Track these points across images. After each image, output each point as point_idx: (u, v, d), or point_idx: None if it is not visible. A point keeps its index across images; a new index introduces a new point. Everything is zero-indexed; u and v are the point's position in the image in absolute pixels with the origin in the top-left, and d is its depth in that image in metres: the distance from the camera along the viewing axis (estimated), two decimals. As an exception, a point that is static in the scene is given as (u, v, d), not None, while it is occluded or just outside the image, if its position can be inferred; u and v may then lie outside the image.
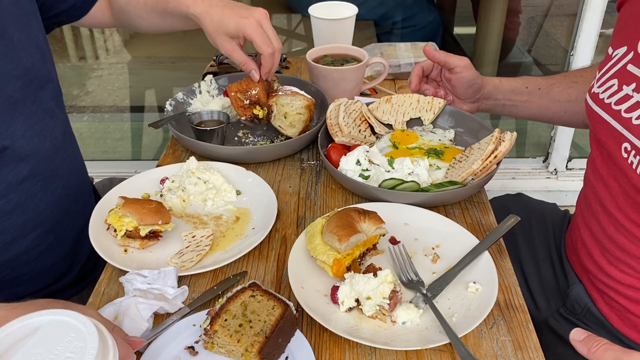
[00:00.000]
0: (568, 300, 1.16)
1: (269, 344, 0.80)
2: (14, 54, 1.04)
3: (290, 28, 3.38)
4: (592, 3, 2.22)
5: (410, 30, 2.93)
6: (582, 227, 1.13)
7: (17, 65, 1.05)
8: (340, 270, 0.93)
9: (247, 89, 1.29)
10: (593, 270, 1.10)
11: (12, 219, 1.07)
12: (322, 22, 1.61)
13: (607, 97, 0.99)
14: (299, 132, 1.31)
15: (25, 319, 0.62)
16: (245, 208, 1.14)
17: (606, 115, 0.99)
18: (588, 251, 1.11)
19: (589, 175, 1.11)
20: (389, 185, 1.13)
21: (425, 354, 0.85)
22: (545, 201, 1.46)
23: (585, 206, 1.13)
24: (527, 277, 1.28)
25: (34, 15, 1.13)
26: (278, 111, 1.30)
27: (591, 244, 1.10)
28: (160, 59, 3.39)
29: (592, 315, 1.12)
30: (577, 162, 2.65)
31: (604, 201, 1.04)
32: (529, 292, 1.27)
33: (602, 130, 1.00)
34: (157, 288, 0.91)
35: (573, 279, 1.18)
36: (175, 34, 2.90)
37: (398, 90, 1.64)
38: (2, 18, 1.04)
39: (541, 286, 1.25)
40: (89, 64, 3.41)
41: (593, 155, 1.09)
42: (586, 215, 1.12)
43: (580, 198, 1.19)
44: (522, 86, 1.25)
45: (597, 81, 1.04)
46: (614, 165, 1.00)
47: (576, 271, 1.18)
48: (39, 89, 1.10)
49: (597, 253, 1.08)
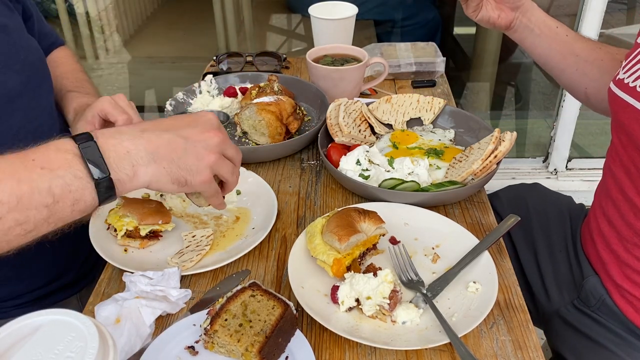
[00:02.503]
0: (583, 292, 1.17)
1: (269, 344, 0.80)
2: (14, 50, 1.06)
3: (290, 28, 3.39)
4: (592, 3, 2.22)
5: (410, 30, 2.94)
6: (600, 217, 1.14)
7: (17, 61, 1.06)
8: (340, 270, 0.93)
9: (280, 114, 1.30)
10: (609, 260, 1.11)
11: None
12: (322, 22, 1.61)
13: (632, 81, 1.01)
14: (271, 136, 1.29)
15: (25, 319, 0.62)
16: (246, 208, 1.14)
17: (631, 99, 1.00)
18: (605, 240, 1.12)
19: (610, 165, 1.12)
20: (389, 185, 1.13)
21: (425, 354, 0.85)
22: (561, 193, 1.46)
23: (604, 196, 1.14)
24: (541, 267, 1.29)
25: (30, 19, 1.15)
26: (247, 127, 1.31)
27: (609, 233, 1.11)
28: (160, 59, 3.39)
29: (607, 308, 1.12)
30: (577, 162, 2.65)
31: (624, 188, 1.05)
32: (542, 282, 1.27)
33: (625, 114, 1.01)
34: (161, 289, 0.91)
35: (588, 271, 1.18)
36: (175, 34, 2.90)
37: (398, 90, 1.64)
38: (2, 17, 1.05)
39: (555, 277, 1.26)
40: (89, 63, 3.40)
41: (614, 144, 1.10)
42: (604, 205, 1.13)
43: (598, 189, 1.20)
44: (553, 23, 1.24)
45: (622, 69, 1.05)
46: (634, 151, 1.01)
47: (592, 263, 1.19)
48: (37, 87, 1.11)
49: (615, 241, 1.09)
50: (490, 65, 2.98)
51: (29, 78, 1.09)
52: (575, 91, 1.28)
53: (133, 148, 0.75)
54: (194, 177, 0.80)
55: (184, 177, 0.79)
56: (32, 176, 0.68)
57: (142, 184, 0.77)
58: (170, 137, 0.78)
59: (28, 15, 1.22)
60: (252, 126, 1.30)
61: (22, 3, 1.21)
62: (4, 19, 1.09)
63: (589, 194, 2.75)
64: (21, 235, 0.70)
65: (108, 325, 0.86)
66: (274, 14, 3.42)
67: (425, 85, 1.64)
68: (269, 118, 1.27)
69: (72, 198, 0.71)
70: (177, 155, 0.78)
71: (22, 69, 1.08)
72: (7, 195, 0.67)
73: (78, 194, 0.71)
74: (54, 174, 0.69)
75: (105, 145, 0.73)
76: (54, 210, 0.70)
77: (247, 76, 1.57)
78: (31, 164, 0.69)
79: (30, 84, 1.10)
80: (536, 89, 3.22)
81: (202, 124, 0.82)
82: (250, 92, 1.42)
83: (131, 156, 0.75)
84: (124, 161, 0.74)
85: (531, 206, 1.39)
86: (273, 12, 3.43)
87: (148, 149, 0.76)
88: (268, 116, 1.27)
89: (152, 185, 0.78)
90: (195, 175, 0.80)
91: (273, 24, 3.40)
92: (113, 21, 3.45)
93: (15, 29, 1.11)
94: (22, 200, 0.67)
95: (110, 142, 0.74)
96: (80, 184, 0.71)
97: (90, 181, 0.71)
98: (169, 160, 0.77)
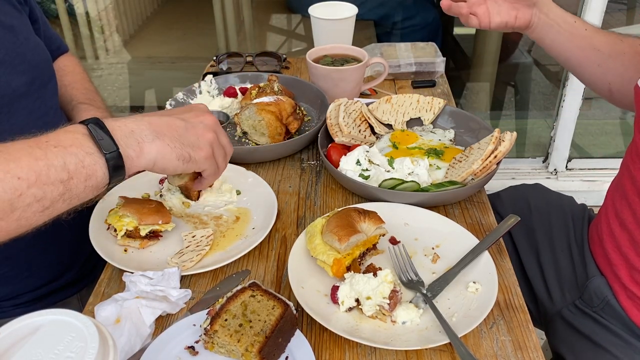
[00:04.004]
0: (586, 292, 1.16)
1: (269, 344, 0.80)
2: (21, 50, 1.07)
3: (290, 28, 3.38)
4: (592, 3, 2.22)
5: (410, 30, 2.93)
6: (612, 217, 1.12)
7: (22, 61, 1.06)
8: (340, 270, 0.93)
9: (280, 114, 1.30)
10: (618, 262, 1.10)
11: None
12: (322, 22, 1.61)
13: None
14: (271, 136, 1.29)
15: (25, 319, 0.62)
16: (246, 208, 1.14)
17: None
18: (616, 242, 1.10)
19: (628, 164, 1.09)
20: (389, 185, 1.13)
21: (425, 354, 0.85)
22: (563, 194, 1.45)
23: (618, 195, 1.11)
24: (543, 267, 1.28)
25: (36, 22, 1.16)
26: (247, 128, 1.31)
27: (620, 235, 1.09)
28: (160, 59, 3.38)
29: (611, 308, 1.11)
30: (577, 162, 2.65)
31: None
32: (544, 283, 1.26)
33: None
34: (161, 290, 0.91)
35: (593, 271, 1.17)
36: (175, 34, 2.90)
37: (398, 90, 1.64)
38: (10, 18, 1.06)
39: (557, 277, 1.25)
40: (89, 63, 3.40)
41: (636, 142, 1.07)
42: (618, 205, 1.11)
43: (612, 187, 1.17)
44: (571, 18, 1.19)
45: None
46: None
47: (598, 263, 1.17)
48: (42, 87, 1.12)
49: (626, 244, 1.08)
50: (490, 65, 2.98)
51: (34, 79, 1.10)
52: (599, 87, 1.24)
53: (136, 127, 0.80)
54: (197, 152, 0.85)
55: (188, 152, 0.84)
56: (47, 154, 0.72)
57: (148, 161, 0.81)
58: (170, 119, 0.84)
59: (34, 19, 1.23)
60: (252, 126, 1.30)
61: (30, 5, 1.21)
62: (11, 19, 1.09)
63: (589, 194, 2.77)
64: (39, 212, 0.73)
65: (108, 325, 0.86)
66: (274, 14, 3.42)
67: (425, 86, 1.64)
68: (269, 118, 1.27)
69: (85, 174, 0.74)
70: (179, 133, 0.83)
71: (28, 70, 1.09)
72: (25, 171, 0.70)
73: (90, 170, 0.75)
74: (67, 150, 0.73)
75: (111, 125, 0.78)
76: (69, 186, 0.73)
77: (247, 76, 1.57)
78: (45, 144, 0.73)
79: (35, 85, 1.10)
80: (536, 89, 3.22)
81: (195, 109, 0.90)
82: (250, 92, 1.42)
83: (136, 134, 0.79)
84: (129, 138, 0.78)
85: (533, 206, 1.38)
86: (273, 12, 3.43)
87: (150, 128, 0.81)
88: (268, 116, 1.27)
89: (158, 162, 0.81)
90: (198, 151, 0.85)
91: (273, 24, 3.40)
92: (113, 21, 3.45)
93: (23, 30, 1.12)
94: (40, 176, 0.71)
95: (115, 123, 0.79)
96: (92, 159, 0.75)
97: (101, 156, 0.75)
98: (171, 137, 0.82)
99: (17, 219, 0.71)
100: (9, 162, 0.70)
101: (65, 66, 1.36)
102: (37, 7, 1.26)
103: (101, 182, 0.77)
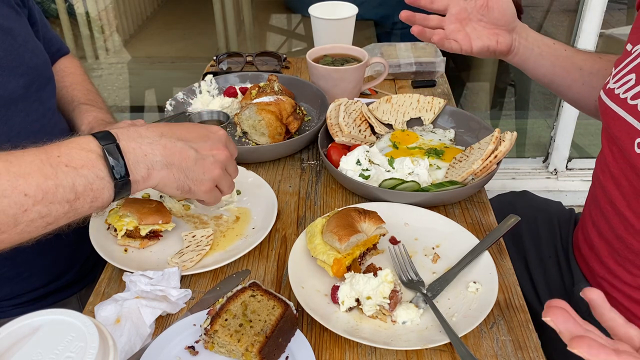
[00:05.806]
0: (573, 298, 1.16)
1: (269, 344, 0.80)
2: (19, 53, 1.07)
3: (290, 28, 3.39)
4: (592, 3, 2.22)
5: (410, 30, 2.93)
6: (590, 227, 1.12)
7: (21, 64, 1.06)
8: (340, 270, 0.93)
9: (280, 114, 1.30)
10: (600, 271, 1.10)
11: None
12: (322, 22, 1.61)
13: (623, 92, 0.98)
14: (271, 136, 1.29)
15: (25, 319, 0.62)
16: (246, 208, 1.14)
17: (621, 110, 0.98)
18: (596, 252, 1.10)
19: (598, 174, 1.10)
20: (389, 185, 1.13)
21: (426, 354, 0.85)
22: (550, 199, 1.45)
23: (594, 206, 1.12)
24: (532, 274, 1.28)
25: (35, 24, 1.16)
26: (247, 127, 1.31)
27: (599, 245, 1.09)
28: (160, 59, 3.39)
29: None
30: (577, 162, 2.65)
31: (614, 200, 1.03)
32: (534, 290, 1.26)
33: (616, 126, 0.99)
34: (161, 289, 0.91)
35: (579, 277, 1.17)
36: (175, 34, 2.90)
37: (398, 90, 1.64)
38: (9, 20, 1.06)
39: (546, 284, 1.25)
40: (89, 63, 3.41)
41: (604, 153, 1.08)
42: (594, 215, 1.11)
43: (588, 198, 1.17)
44: (549, 41, 1.20)
45: (613, 77, 1.03)
46: (626, 163, 0.99)
47: (583, 271, 1.17)
48: (40, 90, 1.12)
49: (605, 254, 1.08)
50: (490, 65, 2.98)
51: (32, 81, 1.09)
52: (585, 106, 1.25)
53: (150, 152, 0.81)
54: (198, 186, 0.88)
55: (188, 185, 0.87)
56: (57, 173, 0.73)
57: (151, 185, 0.83)
58: (183, 147, 0.85)
59: (33, 21, 1.23)
60: (252, 126, 1.30)
61: (29, 7, 1.21)
62: (10, 22, 1.09)
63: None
64: (42, 227, 0.74)
65: (108, 325, 0.86)
66: (274, 14, 3.42)
67: (425, 85, 1.64)
68: (269, 118, 1.27)
69: (92, 196, 0.76)
70: (187, 165, 0.85)
71: (26, 72, 1.08)
72: (33, 189, 0.71)
73: (98, 192, 0.76)
74: (78, 172, 0.74)
75: (126, 147, 0.79)
76: (75, 206, 0.75)
77: (247, 76, 1.57)
78: (56, 160, 0.74)
79: (33, 87, 1.10)
80: (536, 89, 3.22)
81: (212, 140, 0.90)
82: (250, 92, 1.42)
83: (148, 160, 0.81)
84: (141, 164, 0.80)
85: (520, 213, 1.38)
86: (273, 12, 3.43)
87: (163, 154, 0.82)
88: (268, 116, 1.27)
89: (158, 187, 0.85)
90: (199, 185, 0.88)
91: (273, 24, 3.40)
92: (113, 21, 3.45)
93: (22, 32, 1.12)
94: (47, 195, 0.72)
95: (131, 145, 0.79)
96: (101, 183, 0.76)
97: (111, 181, 0.77)
98: (179, 168, 0.84)
99: (20, 232, 0.72)
100: (18, 177, 0.71)
101: (66, 67, 1.36)
102: (36, 9, 1.26)
103: (105, 203, 0.79)
